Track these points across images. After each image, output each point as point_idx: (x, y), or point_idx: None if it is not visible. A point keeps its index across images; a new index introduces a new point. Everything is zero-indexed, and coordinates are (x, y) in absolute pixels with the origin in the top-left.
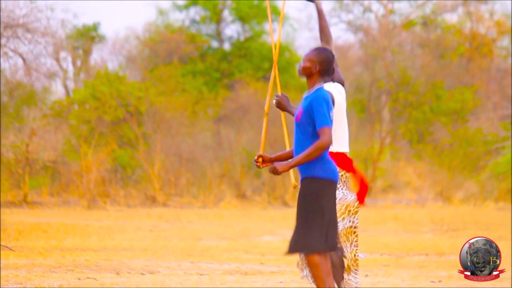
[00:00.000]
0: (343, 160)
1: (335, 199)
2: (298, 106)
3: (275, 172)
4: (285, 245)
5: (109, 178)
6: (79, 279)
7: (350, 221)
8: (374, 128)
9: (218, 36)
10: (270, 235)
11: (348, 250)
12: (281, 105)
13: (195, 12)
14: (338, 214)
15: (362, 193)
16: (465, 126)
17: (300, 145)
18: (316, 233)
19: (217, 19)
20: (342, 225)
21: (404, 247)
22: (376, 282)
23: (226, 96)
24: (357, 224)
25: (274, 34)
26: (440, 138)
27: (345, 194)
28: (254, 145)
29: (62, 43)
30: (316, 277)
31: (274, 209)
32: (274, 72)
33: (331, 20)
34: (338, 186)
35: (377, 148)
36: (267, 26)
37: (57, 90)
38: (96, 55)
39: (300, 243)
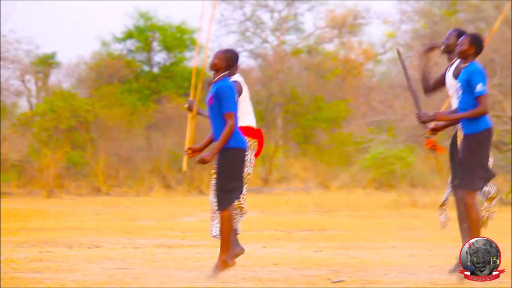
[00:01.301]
0: (251, 131)
1: (244, 163)
2: (208, 93)
3: (203, 162)
4: (203, 225)
5: (64, 173)
6: (40, 252)
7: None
8: (270, 133)
9: (149, 62)
10: (190, 217)
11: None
12: (191, 108)
13: (130, 44)
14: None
15: (259, 148)
16: (340, 131)
17: (215, 123)
18: (230, 191)
19: (148, 48)
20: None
21: (293, 225)
22: (272, 252)
23: (155, 109)
24: (250, 171)
25: (200, 58)
26: (321, 140)
27: (250, 161)
28: (177, 147)
29: (27, 68)
30: (225, 230)
31: (192, 196)
32: (194, 82)
33: (238, 49)
34: (251, 151)
35: (273, 148)
36: (187, 53)
37: (23, 105)
38: (54, 78)
39: (222, 203)
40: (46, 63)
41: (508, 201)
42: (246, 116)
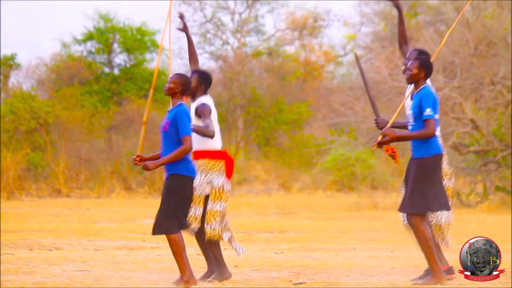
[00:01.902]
0: (218, 155)
1: (192, 191)
2: (164, 119)
3: (146, 168)
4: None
5: (24, 175)
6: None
7: (220, 206)
8: (231, 134)
9: (109, 63)
10: (151, 219)
11: (212, 227)
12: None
13: (91, 45)
14: (214, 198)
15: (229, 170)
16: (301, 132)
17: (167, 149)
18: (175, 217)
19: (108, 50)
20: (212, 206)
21: (254, 227)
22: (233, 254)
23: (116, 111)
24: (225, 210)
25: (171, 60)
26: (282, 142)
27: (224, 183)
28: (138, 148)
29: None
30: (176, 253)
31: (153, 198)
32: (152, 92)
33: (198, 51)
34: (218, 174)
35: (234, 150)
36: (148, 55)
37: None
38: (14, 79)
39: (160, 227)
40: (6, 64)
41: (469, 203)
42: (214, 138)
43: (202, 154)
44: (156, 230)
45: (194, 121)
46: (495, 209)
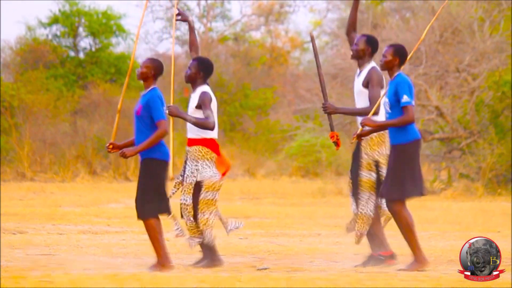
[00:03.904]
0: (212, 144)
1: (166, 175)
2: (137, 103)
3: (124, 156)
4: (129, 212)
5: None
6: None
7: (212, 195)
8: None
9: (75, 47)
10: (115, 203)
11: (205, 216)
12: (173, 113)
13: (56, 29)
14: (203, 188)
15: (225, 172)
16: (267, 118)
17: (140, 133)
18: (151, 202)
19: (74, 34)
20: (204, 195)
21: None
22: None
23: (81, 95)
24: (217, 198)
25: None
26: (247, 127)
27: (214, 173)
28: (103, 133)
29: None
30: (152, 237)
31: (118, 183)
32: (128, 80)
33: (163, 36)
34: (208, 164)
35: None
36: (113, 39)
37: None
38: None
39: (142, 211)
40: None
41: (433, 190)
42: (213, 130)
43: (195, 142)
44: (140, 215)
45: (193, 111)
46: (459, 196)
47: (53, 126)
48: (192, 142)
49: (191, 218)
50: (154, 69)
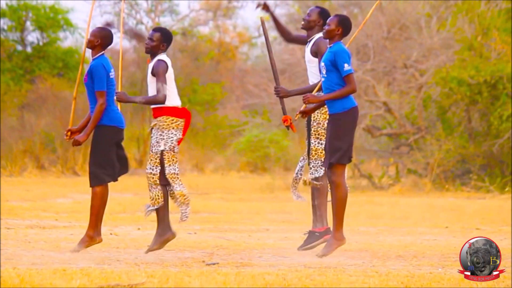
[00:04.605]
0: (177, 111)
1: (117, 141)
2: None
3: (77, 143)
4: (77, 206)
5: None
6: None
7: (174, 169)
8: (145, 115)
9: (22, 41)
10: (63, 198)
11: (179, 189)
12: (121, 99)
13: (3, 23)
14: (168, 160)
15: (185, 128)
16: (215, 113)
17: (91, 102)
18: (101, 168)
19: (21, 28)
20: (168, 170)
21: None
22: (146, 234)
23: (29, 89)
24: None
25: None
26: (196, 122)
27: (175, 144)
28: (50, 127)
29: None
30: (94, 206)
31: (66, 177)
32: (81, 70)
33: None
34: (175, 132)
35: (147, 130)
36: (61, 34)
37: None
38: None
39: (96, 178)
40: None
41: (381, 186)
42: (170, 96)
43: (159, 111)
44: (93, 181)
45: (150, 79)
46: (407, 192)
47: (0, 121)
48: (156, 112)
49: (156, 188)
50: (101, 37)
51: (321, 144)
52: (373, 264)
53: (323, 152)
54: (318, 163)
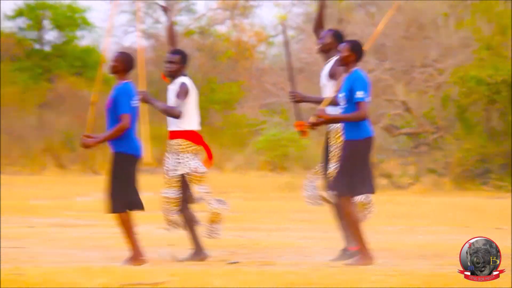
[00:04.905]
0: (193, 136)
1: (135, 169)
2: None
3: (85, 146)
4: (98, 205)
5: None
6: None
7: (203, 188)
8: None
9: (40, 40)
10: (84, 197)
11: (211, 207)
12: (145, 99)
13: (21, 22)
14: (192, 182)
15: (209, 161)
16: (233, 112)
17: (110, 127)
18: (119, 197)
19: (39, 27)
20: (198, 189)
21: None
22: (168, 233)
23: (47, 88)
24: (208, 189)
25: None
26: (214, 121)
27: (199, 165)
28: (70, 126)
29: None
30: (124, 232)
31: (86, 176)
32: (100, 72)
33: (129, 29)
34: (193, 156)
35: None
36: (79, 32)
37: None
38: None
39: (110, 206)
40: None
41: (401, 185)
42: (190, 118)
43: (176, 134)
44: (108, 209)
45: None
46: (427, 191)
47: (20, 120)
48: (173, 135)
49: (175, 212)
50: (124, 62)
51: None
52: (394, 264)
53: None
54: None
